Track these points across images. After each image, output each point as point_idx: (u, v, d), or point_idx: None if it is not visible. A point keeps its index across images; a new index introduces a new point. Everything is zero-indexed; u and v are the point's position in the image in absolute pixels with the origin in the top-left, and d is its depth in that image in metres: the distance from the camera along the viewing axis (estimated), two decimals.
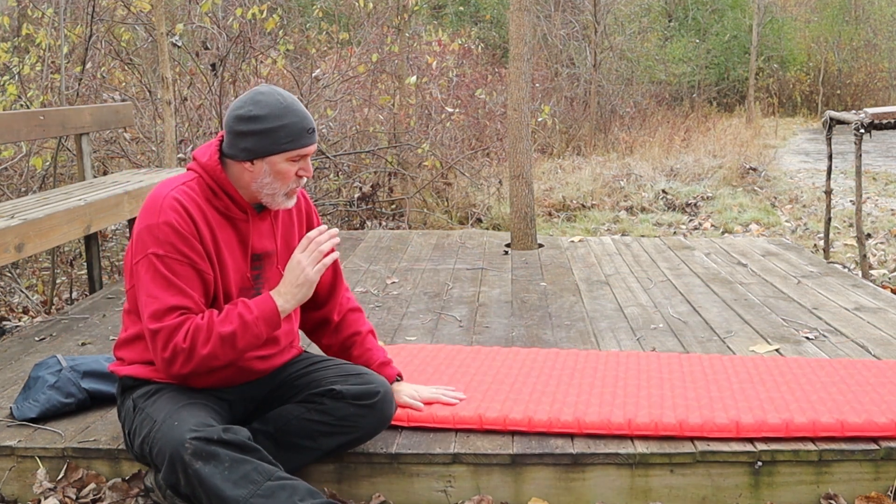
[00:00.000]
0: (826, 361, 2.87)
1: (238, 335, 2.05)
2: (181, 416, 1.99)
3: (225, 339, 2.04)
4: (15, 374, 2.96)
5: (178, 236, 2.07)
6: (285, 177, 2.14)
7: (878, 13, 20.89)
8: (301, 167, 2.16)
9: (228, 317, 2.07)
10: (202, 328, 2.03)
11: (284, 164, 2.13)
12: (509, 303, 3.92)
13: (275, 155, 2.11)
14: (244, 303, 2.10)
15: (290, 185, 2.16)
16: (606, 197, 8.93)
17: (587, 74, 13.92)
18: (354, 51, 8.18)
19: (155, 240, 2.06)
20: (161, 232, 2.06)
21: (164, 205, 2.09)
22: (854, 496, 2.26)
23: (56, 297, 5.13)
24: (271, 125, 2.09)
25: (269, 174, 2.13)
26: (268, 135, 2.10)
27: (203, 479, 1.90)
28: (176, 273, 2.06)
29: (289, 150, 2.12)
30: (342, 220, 7.50)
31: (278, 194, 2.17)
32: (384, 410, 2.25)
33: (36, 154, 5.79)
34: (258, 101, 2.11)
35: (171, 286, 2.05)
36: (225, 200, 2.16)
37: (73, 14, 6.86)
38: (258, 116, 2.10)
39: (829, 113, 5.32)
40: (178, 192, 2.12)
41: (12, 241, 3.21)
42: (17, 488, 2.37)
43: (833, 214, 6.13)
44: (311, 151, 2.17)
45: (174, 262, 2.06)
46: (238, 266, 2.20)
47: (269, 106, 2.11)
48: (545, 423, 2.36)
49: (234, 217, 2.19)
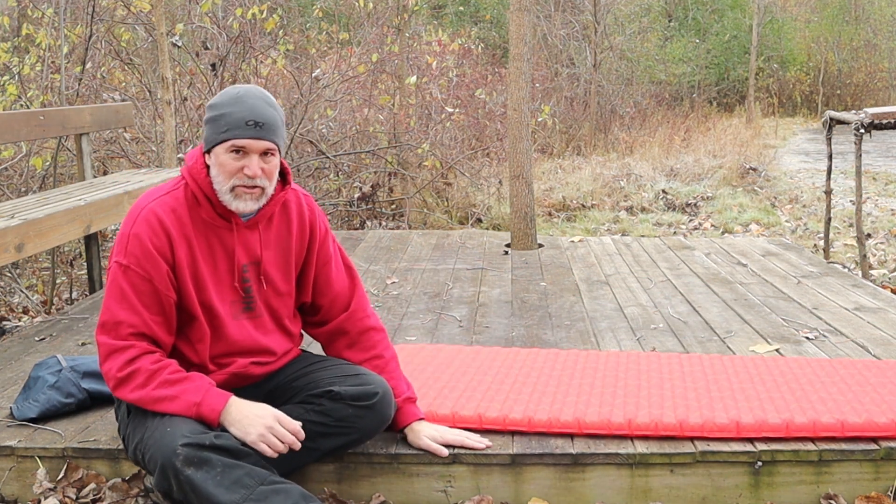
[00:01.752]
0: (826, 361, 2.87)
1: (166, 404, 2.00)
2: (173, 422, 1.98)
3: (153, 400, 2.01)
4: (15, 374, 2.96)
5: (143, 252, 2.05)
6: (226, 170, 2.06)
7: (878, 13, 20.90)
8: (245, 165, 2.05)
9: (174, 383, 2.02)
10: (142, 373, 2.01)
11: (224, 156, 2.06)
12: (509, 303, 3.92)
13: (217, 145, 2.07)
14: (195, 385, 2.02)
15: (231, 181, 2.06)
16: (606, 197, 8.93)
17: (587, 74, 13.93)
18: (354, 51, 8.18)
19: (123, 249, 2.06)
20: (130, 243, 2.06)
21: (140, 216, 2.08)
22: (854, 496, 2.26)
23: (56, 297, 5.13)
24: (217, 113, 2.07)
25: (215, 166, 2.09)
26: (213, 123, 2.08)
27: (195, 485, 1.89)
28: (134, 287, 2.05)
29: (225, 140, 2.05)
30: (342, 220, 7.50)
31: (222, 191, 2.08)
32: (383, 411, 2.23)
33: (36, 154, 5.79)
34: (222, 93, 2.12)
35: (125, 300, 2.04)
36: (207, 207, 2.12)
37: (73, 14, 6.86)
38: (213, 105, 2.10)
39: (829, 113, 5.32)
40: (158, 203, 2.10)
41: (12, 241, 3.21)
42: (17, 488, 2.37)
43: (833, 214, 6.13)
44: (251, 146, 2.05)
45: (135, 275, 2.05)
46: (223, 278, 2.16)
47: (225, 95, 2.10)
48: (545, 423, 2.36)
49: (218, 226, 2.14)
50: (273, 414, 2.03)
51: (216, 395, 2.03)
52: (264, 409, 2.04)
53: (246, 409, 2.03)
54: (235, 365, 2.20)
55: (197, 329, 2.15)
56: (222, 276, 2.16)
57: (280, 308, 2.28)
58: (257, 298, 2.22)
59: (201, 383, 2.04)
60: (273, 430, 2.00)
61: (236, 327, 2.19)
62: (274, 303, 2.26)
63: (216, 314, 2.15)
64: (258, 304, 2.22)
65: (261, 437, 1.99)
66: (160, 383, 2.01)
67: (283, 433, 2.01)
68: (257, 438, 1.99)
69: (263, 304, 2.24)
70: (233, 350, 2.20)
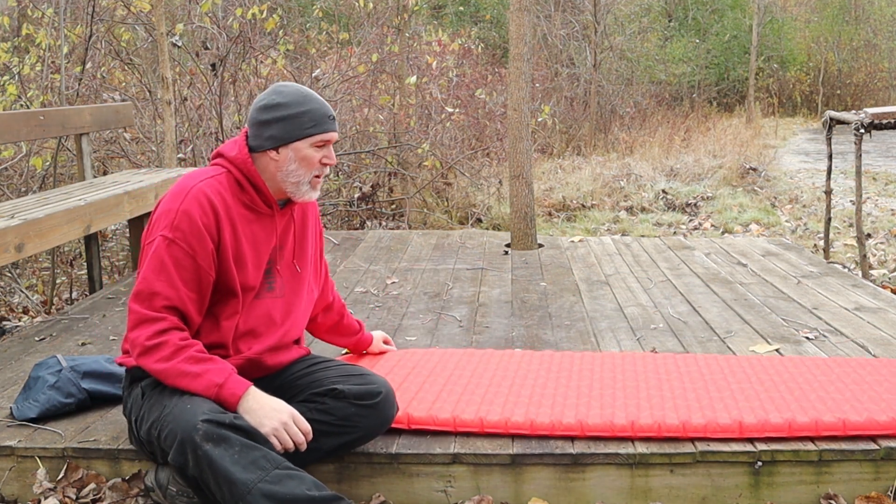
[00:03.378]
0: (822, 360, 2.87)
1: (188, 380, 2.04)
2: (194, 400, 2.02)
3: (177, 374, 2.04)
4: (15, 374, 2.96)
5: (192, 228, 2.10)
6: (310, 163, 2.20)
7: (878, 13, 20.90)
8: (325, 154, 2.22)
9: (199, 361, 2.06)
10: (169, 346, 2.05)
11: (309, 150, 2.20)
12: (509, 303, 3.92)
13: (299, 140, 2.18)
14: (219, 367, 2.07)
15: (313, 172, 2.22)
16: (606, 197, 8.93)
17: (587, 74, 13.93)
18: (354, 51, 8.18)
19: (170, 224, 2.10)
20: (178, 218, 2.10)
21: (190, 193, 2.13)
22: (854, 496, 2.26)
23: (56, 297, 5.13)
24: (295, 111, 2.17)
25: (294, 161, 2.19)
26: (292, 120, 2.17)
27: (213, 460, 1.92)
28: (176, 262, 2.09)
29: (313, 135, 2.19)
30: (342, 220, 7.51)
31: (303, 182, 2.22)
32: (385, 411, 2.26)
33: (36, 154, 5.80)
34: (280, 91, 2.21)
35: (164, 272, 2.08)
36: (252, 194, 2.22)
37: (73, 14, 6.87)
38: (282, 104, 2.18)
39: (829, 113, 5.32)
40: (206, 184, 2.17)
41: (12, 241, 3.21)
42: (17, 488, 2.37)
43: (833, 214, 6.13)
44: (333, 138, 2.23)
45: (179, 250, 2.09)
46: (260, 259, 2.25)
47: (291, 94, 2.20)
48: (548, 425, 2.35)
49: (260, 211, 2.24)
50: (290, 411, 2.08)
51: (238, 380, 2.07)
52: (281, 405, 2.08)
53: (264, 400, 2.07)
54: (252, 351, 2.25)
55: (230, 306, 2.20)
56: (260, 258, 2.25)
57: (300, 291, 2.38)
58: (280, 280, 2.31)
59: (225, 366, 2.08)
60: (287, 427, 2.04)
61: (260, 306, 2.26)
62: (295, 286, 2.36)
63: (249, 293, 2.23)
64: (281, 285, 2.31)
65: (274, 430, 2.03)
66: (186, 359, 2.04)
67: (296, 432, 2.06)
68: (270, 431, 2.02)
69: (286, 286, 2.33)
70: (253, 328, 2.25)
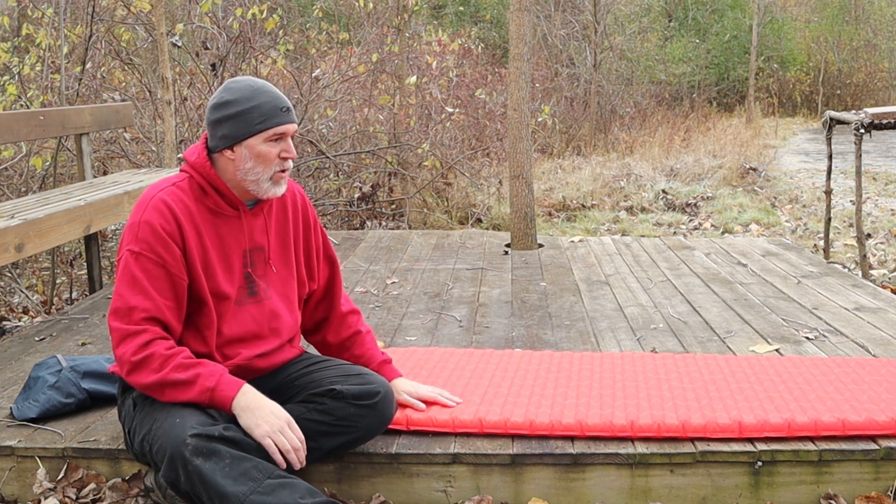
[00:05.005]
0: (824, 360, 2.87)
1: (180, 390, 2.02)
2: (182, 413, 2.00)
3: (169, 385, 2.02)
4: (15, 374, 2.96)
5: (155, 237, 2.08)
6: (267, 159, 2.14)
7: (878, 13, 20.89)
8: (283, 148, 2.15)
9: (188, 367, 2.03)
10: (157, 358, 2.03)
11: (263, 146, 2.13)
12: (509, 303, 3.92)
13: (251, 137, 2.13)
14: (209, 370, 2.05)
15: (272, 168, 2.15)
16: (606, 197, 8.93)
17: (587, 74, 13.93)
18: (354, 51, 8.17)
19: (134, 237, 2.09)
20: (141, 230, 2.09)
21: (150, 204, 2.11)
22: (854, 496, 2.26)
23: (56, 297, 5.13)
24: (243, 107, 2.12)
25: (249, 159, 2.14)
26: (241, 117, 2.12)
27: (203, 475, 1.90)
28: (147, 272, 2.07)
29: (264, 130, 2.12)
30: (342, 220, 7.50)
31: (262, 180, 2.16)
32: (384, 411, 2.25)
33: (36, 154, 5.79)
34: (230, 88, 2.16)
35: (137, 286, 2.06)
36: (215, 197, 2.18)
37: (73, 14, 6.86)
38: (230, 101, 2.13)
39: (829, 113, 5.32)
40: (166, 192, 2.14)
41: (12, 241, 3.21)
42: (17, 488, 2.37)
43: (833, 214, 6.13)
44: (289, 130, 2.16)
45: (147, 261, 2.08)
46: (231, 264, 2.20)
47: (240, 90, 2.14)
48: (547, 426, 2.35)
49: (226, 214, 2.20)
50: (287, 417, 2.06)
51: (230, 380, 2.06)
52: (279, 409, 2.06)
53: (261, 400, 2.05)
54: (240, 357, 2.22)
55: (206, 315, 2.17)
56: (230, 263, 2.20)
57: (286, 292, 2.33)
58: (263, 283, 2.26)
59: (215, 368, 2.06)
60: (283, 431, 2.03)
61: (243, 312, 2.23)
62: (279, 287, 2.31)
63: (224, 300, 2.19)
64: (263, 288, 2.27)
65: (270, 433, 2.01)
66: (175, 367, 2.02)
67: (292, 438, 2.04)
68: (266, 433, 2.01)
69: (269, 289, 2.28)
70: (240, 336, 2.23)
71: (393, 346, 3.26)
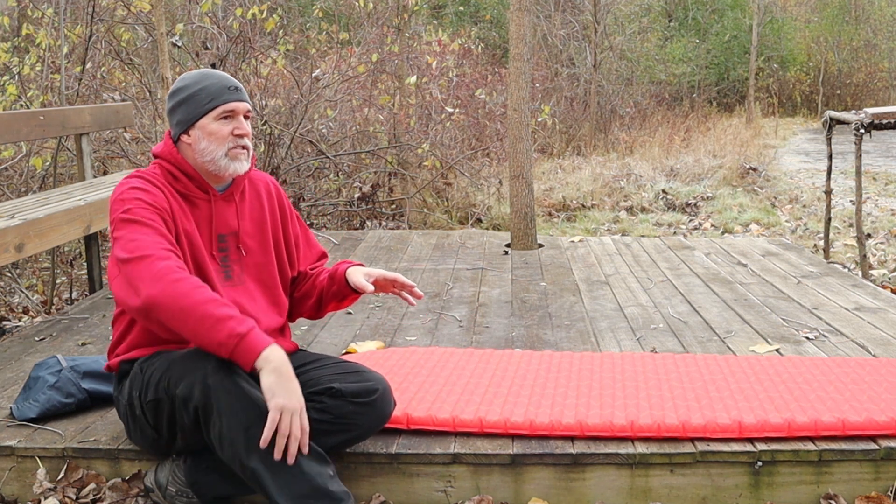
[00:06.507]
0: (824, 360, 2.87)
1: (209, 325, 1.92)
2: (200, 352, 2.02)
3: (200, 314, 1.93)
4: (15, 374, 2.96)
5: (143, 192, 2.13)
6: (219, 137, 2.19)
7: (878, 13, 20.90)
8: (235, 126, 2.19)
9: (223, 304, 1.97)
10: (190, 281, 1.97)
11: (214, 125, 2.18)
12: (509, 303, 3.92)
13: (202, 118, 2.19)
14: (243, 317, 1.98)
15: (226, 145, 2.19)
16: (606, 197, 8.93)
17: (587, 74, 13.93)
18: (354, 51, 8.17)
19: (121, 203, 2.11)
20: (126, 195, 2.12)
21: (127, 180, 2.18)
22: (854, 496, 2.26)
23: (56, 297, 5.13)
24: (192, 91, 2.20)
25: (202, 139, 2.19)
26: (190, 101, 2.20)
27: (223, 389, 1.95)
28: (145, 219, 2.08)
29: (212, 109, 2.18)
30: (342, 220, 7.51)
31: (218, 157, 2.19)
32: (383, 408, 2.25)
33: (36, 154, 5.79)
34: (182, 78, 2.25)
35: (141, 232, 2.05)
36: (185, 181, 2.23)
37: (73, 14, 6.87)
38: (181, 88, 2.22)
39: (829, 113, 5.32)
40: (139, 172, 2.22)
41: (12, 241, 3.21)
42: (17, 488, 2.37)
43: (833, 214, 6.13)
44: (238, 109, 2.20)
45: (143, 210, 2.09)
46: (196, 252, 2.22)
47: (190, 77, 2.24)
48: (547, 425, 2.35)
49: (196, 197, 2.24)
50: (302, 405, 1.99)
51: (261, 334, 1.98)
52: (300, 393, 2.00)
53: (291, 371, 1.97)
54: None
55: None
56: (195, 250, 2.22)
57: (264, 277, 2.35)
58: (237, 268, 2.29)
59: (246, 317, 1.99)
60: (295, 415, 1.96)
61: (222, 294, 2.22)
62: (255, 272, 2.33)
63: (207, 278, 2.20)
64: (237, 273, 2.29)
65: (283, 408, 1.93)
66: (209, 299, 1.94)
67: (297, 426, 1.96)
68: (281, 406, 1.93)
69: (244, 273, 2.31)
70: None
71: (393, 346, 3.26)
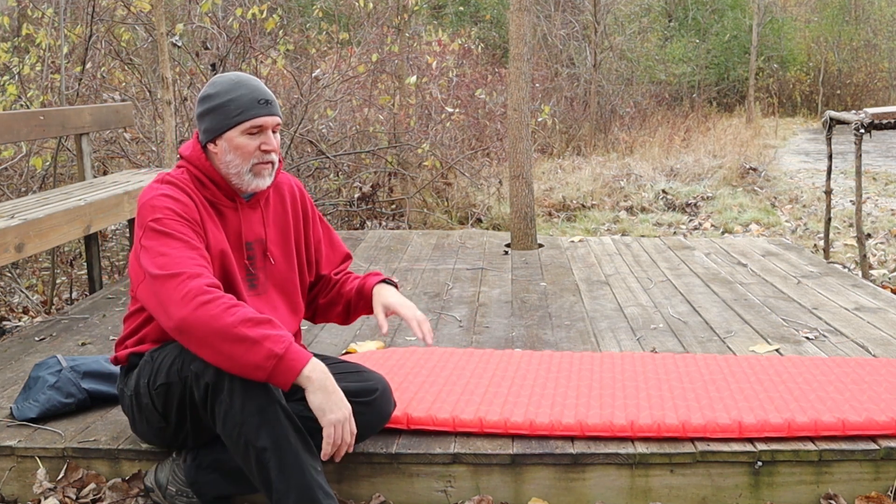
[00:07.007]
0: (824, 360, 2.87)
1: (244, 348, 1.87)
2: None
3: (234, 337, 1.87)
4: (15, 374, 2.96)
5: (174, 202, 2.08)
6: (245, 152, 2.14)
7: (878, 13, 20.90)
8: (262, 141, 2.14)
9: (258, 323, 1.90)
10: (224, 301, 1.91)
11: (241, 139, 2.13)
12: (509, 303, 3.92)
13: (229, 130, 2.13)
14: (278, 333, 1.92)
15: (252, 160, 2.14)
16: (606, 197, 8.93)
17: (587, 74, 13.93)
18: (354, 51, 8.17)
19: (152, 210, 2.07)
20: (157, 202, 2.08)
21: (158, 185, 2.13)
22: (854, 496, 2.26)
23: (56, 297, 5.13)
24: (222, 100, 2.13)
25: (229, 151, 2.15)
26: (220, 110, 2.13)
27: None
28: (176, 231, 2.04)
29: (240, 123, 2.12)
30: (342, 220, 7.51)
31: (243, 172, 2.15)
32: (383, 407, 2.25)
33: (36, 154, 5.79)
34: (214, 82, 2.18)
35: (172, 245, 2.01)
36: (212, 189, 2.19)
37: (73, 14, 6.86)
38: (211, 95, 2.15)
39: (829, 113, 5.32)
40: (171, 176, 2.17)
41: (12, 241, 3.21)
42: (17, 488, 2.37)
43: (833, 214, 6.13)
44: (268, 123, 2.14)
45: (174, 222, 2.05)
46: (225, 260, 2.20)
47: (221, 83, 2.16)
48: (547, 426, 2.35)
49: (223, 205, 2.21)
50: (350, 411, 1.98)
51: (298, 349, 1.92)
52: (346, 401, 1.98)
53: (333, 383, 1.95)
54: None
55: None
56: (224, 258, 2.19)
57: (285, 284, 2.33)
58: (262, 276, 2.27)
59: (282, 331, 1.92)
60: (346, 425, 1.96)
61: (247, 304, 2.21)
62: (278, 280, 2.31)
63: (234, 289, 2.17)
64: (262, 282, 2.27)
65: (337, 422, 1.93)
66: (242, 319, 1.88)
67: (348, 434, 1.97)
68: (335, 421, 1.92)
69: (268, 281, 2.29)
70: None
71: (393, 346, 3.26)
